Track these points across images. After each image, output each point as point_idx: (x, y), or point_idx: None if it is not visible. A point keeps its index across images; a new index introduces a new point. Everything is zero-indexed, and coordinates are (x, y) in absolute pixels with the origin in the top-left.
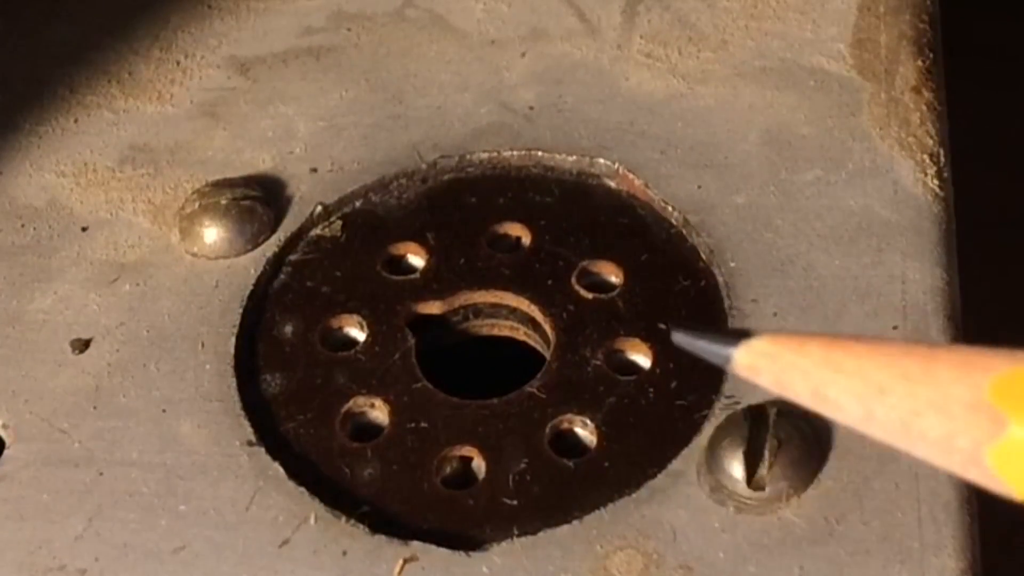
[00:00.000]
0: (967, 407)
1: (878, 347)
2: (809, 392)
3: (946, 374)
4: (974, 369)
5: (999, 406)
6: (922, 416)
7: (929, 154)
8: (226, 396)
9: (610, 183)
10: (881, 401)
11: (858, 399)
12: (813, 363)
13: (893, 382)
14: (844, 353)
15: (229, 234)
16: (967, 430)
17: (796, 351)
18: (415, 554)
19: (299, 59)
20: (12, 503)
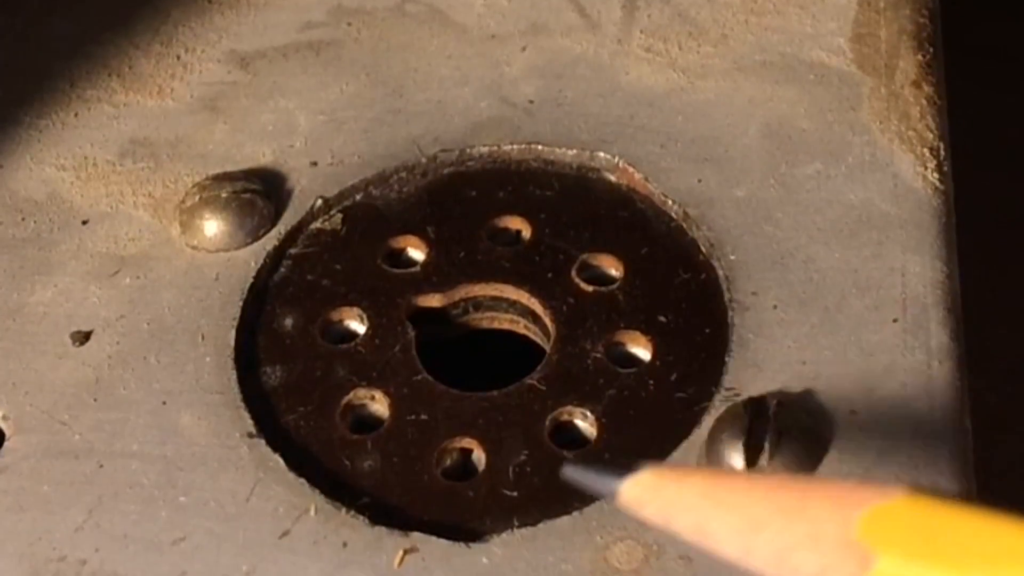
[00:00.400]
0: (838, 544)
1: (757, 482)
2: (692, 526)
3: (819, 510)
4: (845, 505)
5: (867, 543)
6: (796, 551)
7: (929, 148)
8: (226, 388)
9: (610, 177)
10: (758, 536)
11: (737, 533)
12: (695, 497)
13: (770, 516)
14: (724, 488)
15: (229, 227)
16: (838, 566)
17: (679, 485)
18: (415, 545)
19: (299, 53)
20: (12, 494)
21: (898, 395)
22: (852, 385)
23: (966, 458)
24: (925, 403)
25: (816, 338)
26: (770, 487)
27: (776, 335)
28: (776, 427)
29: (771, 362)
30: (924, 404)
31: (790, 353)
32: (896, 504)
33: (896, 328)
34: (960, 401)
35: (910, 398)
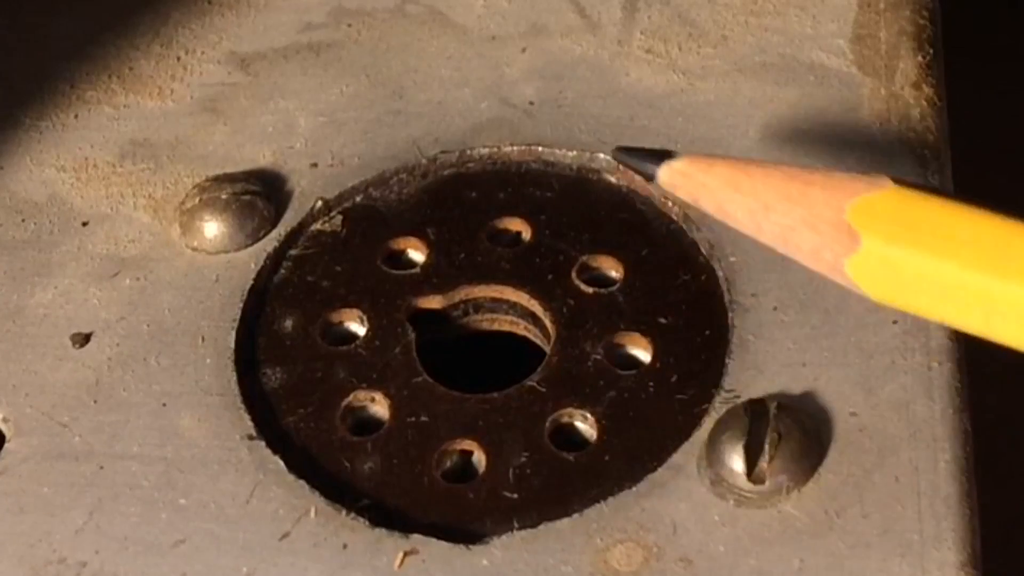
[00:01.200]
0: (831, 224)
1: (770, 170)
2: (714, 207)
3: (817, 196)
4: (839, 192)
5: (855, 225)
6: (797, 231)
7: (929, 149)
8: (226, 390)
9: (610, 178)
10: (767, 217)
11: (750, 214)
12: (718, 182)
13: (777, 201)
14: (742, 174)
15: (229, 229)
16: (830, 245)
17: (705, 172)
18: (415, 547)
19: (299, 54)
20: (12, 496)
21: (898, 396)
22: (852, 387)
23: (967, 459)
24: (925, 405)
25: (816, 340)
26: (779, 176)
27: (776, 337)
28: (776, 429)
29: (771, 364)
30: (924, 406)
31: (790, 355)
32: (883, 194)
33: (896, 330)
34: (960, 402)
35: (910, 399)
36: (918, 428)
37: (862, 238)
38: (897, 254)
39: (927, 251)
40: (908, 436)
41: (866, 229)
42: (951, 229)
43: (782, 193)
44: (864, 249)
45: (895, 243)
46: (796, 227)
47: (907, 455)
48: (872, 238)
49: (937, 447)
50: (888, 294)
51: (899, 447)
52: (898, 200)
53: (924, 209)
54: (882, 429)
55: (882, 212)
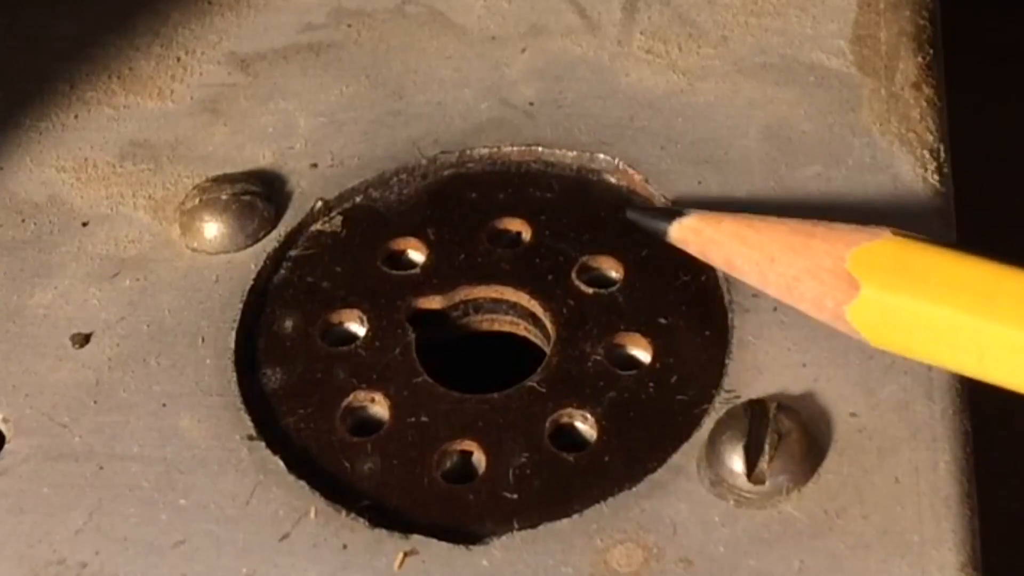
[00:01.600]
0: (832, 274)
1: (775, 225)
2: (723, 260)
3: (819, 247)
4: (840, 243)
5: (855, 273)
6: (801, 281)
7: (929, 150)
8: (226, 390)
9: (610, 178)
10: (772, 268)
11: (756, 266)
12: (726, 237)
13: (781, 253)
14: (749, 229)
15: (229, 229)
16: (832, 293)
17: (714, 227)
18: (415, 548)
19: (299, 55)
20: (12, 497)
21: (898, 397)
22: (852, 387)
23: (966, 460)
24: (925, 405)
25: (816, 340)
26: (783, 229)
27: (776, 337)
28: (776, 429)
29: (771, 364)
30: (924, 406)
31: (790, 355)
32: (882, 243)
33: None
34: (960, 403)
35: (910, 400)
36: (918, 429)
37: (861, 286)
38: (894, 300)
39: (922, 297)
40: (908, 437)
41: (865, 277)
42: (945, 275)
43: (786, 245)
44: (863, 296)
45: (892, 290)
46: (800, 277)
47: (907, 456)
48: (871, 286)
49: (937, 448)
50: (886, 339)
51: (899, 448)
52: (896, 249)
53: (920, 257)
54: (882, 430)
55: (880, 261)
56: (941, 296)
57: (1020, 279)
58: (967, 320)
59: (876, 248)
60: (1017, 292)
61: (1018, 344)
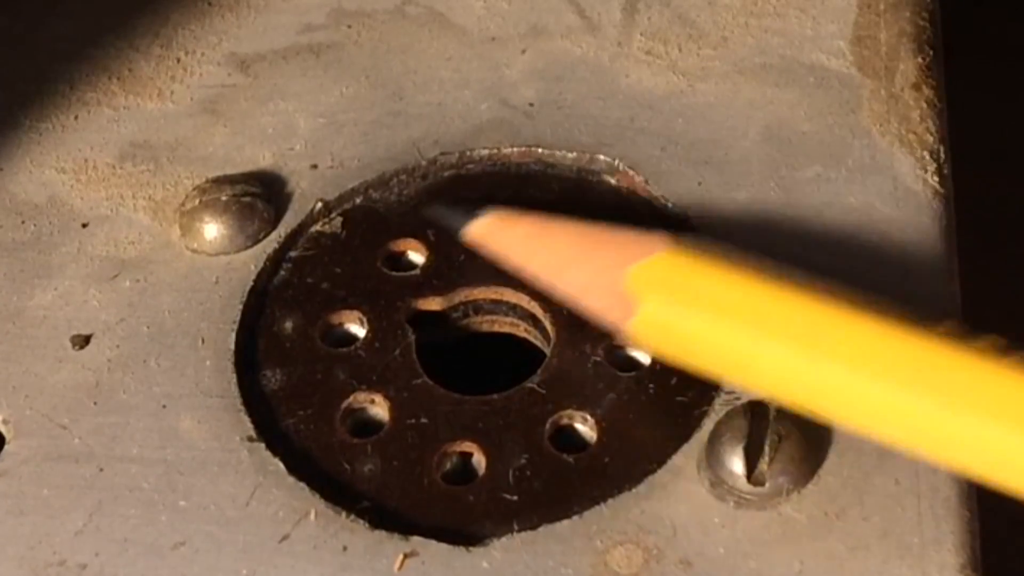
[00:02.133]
0: (611, 292)
1: (566, 230)
2: (517, 263)
3: (602, 261)
4: (620, 257)
5: (634, 291)
6: (587, 293)
7: (929, 151)
8: (226, 392)
9: (610, 179)
10: (560, 278)
11: (546, 272)
12: (519, 241)
13: (570, 263)
14: (542, 232)
15: (229, 230)
16: (612, 310)
17: (510, 229)
18: (415, 549)
19: (299, 56)
20: (12, 498)
21: None
22: None
23: None
24: None
25: None
26: (572, 237)
27: None
28: (776, 430)
29: None
30: None
31: None
32: (659, 258)
33: None
34: None
35: None
36: None
37: (639, 303)
38: (671, 317)
39: (698, 313)
40: None
41: (643, 294)
42: (721, 291)
43: (572, 256)
44: (641, 314)
45: (669, 306)
46: (585, 289)
47: (907, 457)
48: (648, 303)
49: None
50: (669, 352)
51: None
52: (672, 263)
53: (696, 270)
54: None
55: (657, 276)
56: (716, 313)
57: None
58: (740, 335)
59: (654, 264)
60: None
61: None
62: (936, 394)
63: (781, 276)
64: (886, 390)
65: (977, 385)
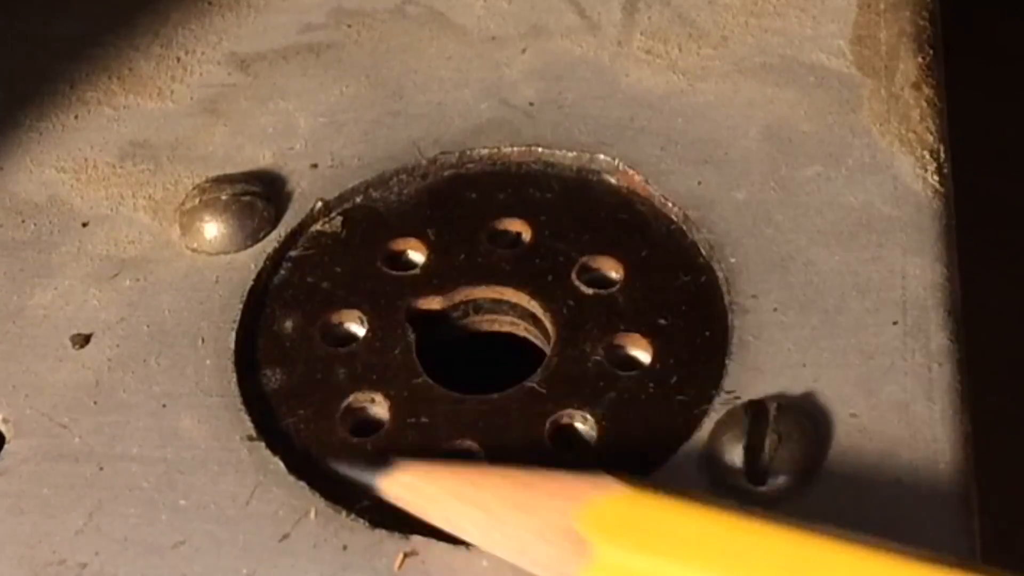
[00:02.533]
0: (561, 534)
1: (495, 478)
2: (442, 518)
3: (545, 503)
4: (566, 498)
5: (584, 533)
6: (531, 543)
7: (929, 150)
8: (226, 391)
9: (610, 179)
10: (499, 529)
11: (479, 528)
12: (443, 495)
13: (505, 512)
14: (466, 483)
15: (229, 230)
16: (563, 556)
17: (430, 483)
18: (415, 548)
19: (299, 55)
20: (12, 497)
21: (898, 398)
22: (852, 388)
23: (966, 460)
24: (925, 406)
25: (816, 341)
26: (506, 483)
27: (776, 338)
28: (776, 430)
29: (771, 365)
30: (924, 407)
31: (790, 356)
32: (607, 497)
33: (896, 331)
34: (960, 403)
35: (910, 401)
36: (918, 429)
37: (594, 548)
38: (628, 562)
39: (659, 556)
40: (908, 437)
41: (595, 537)
42: (677, 528)
43: (510, 503)
44: (595, 560)
45: (625, 552)
46: (529, 540)
47: (907, 456)
48: (602, 547)
49: (937, 448)
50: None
51: (899, 448)
52: (621, 502)
53: (648, 509)
54: (882, 430)
55: (609, 518)
56: (675, 553)
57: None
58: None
59: (602, 504)
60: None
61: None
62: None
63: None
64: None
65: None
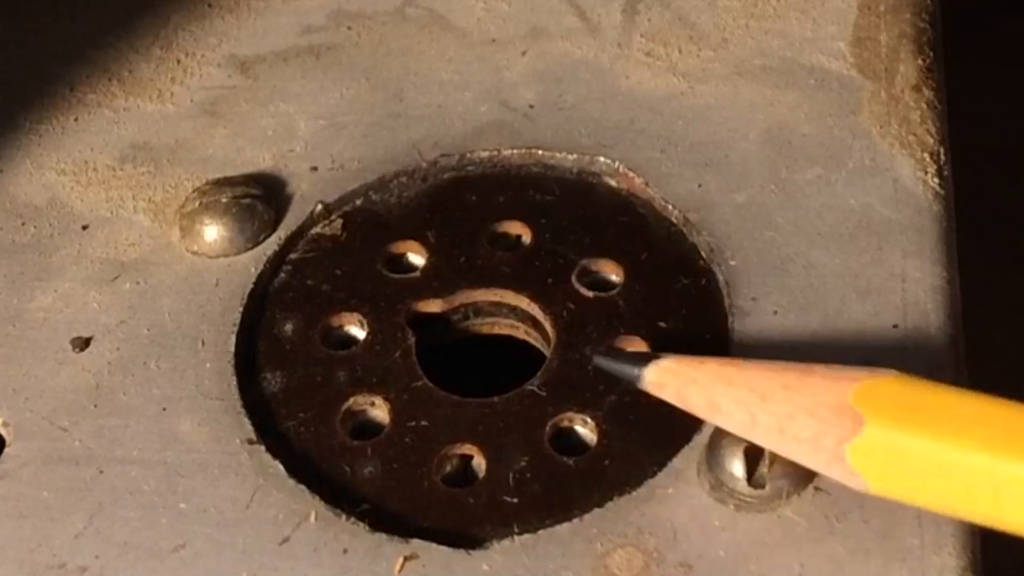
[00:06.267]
0: (833, 410)
1: (764, 364)
2: (704, 402)
3: (818, 383)
4: (841, 380)
5: (859, 408)
6: (795, 420)
7: (929, 152)
8: (226, 394)
9: (610, 181)
10: (762, 407)
11: (743, 406)
12: (709, 377)
13: (774, 390)
14: (735, 368)
15: (229, 232)
16: (832, 430)
17: (695, 368)
18: (415, 552)
19: (299, 57)
20: (12, 501)
21: None
22: None
23: None
24: None
25: (816, 343)
26: (775, 368)
27: (776, 340)
28: None
29: None
30: None
31: (790, 358)
32: (887, 380)
33: (896, 334)
34: None
35: None
36: None
37: (866, 421)
38: (902, 438)
39: (934, 435)
40: None
41: (870, 412)
42: (957, 413)
43: (779, 382)
44: (867, 433)
45: (900, 426)
46: (794, 415)
47: None
48: (876, 421)
49: None
50: (890, 481)
51: None
52: (902, 386)
53: (929, 394)
54: None
55: (886, 397)
56: (954, 434)
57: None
58: (983, 460)
59: (881, 384)
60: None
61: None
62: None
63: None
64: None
65: None
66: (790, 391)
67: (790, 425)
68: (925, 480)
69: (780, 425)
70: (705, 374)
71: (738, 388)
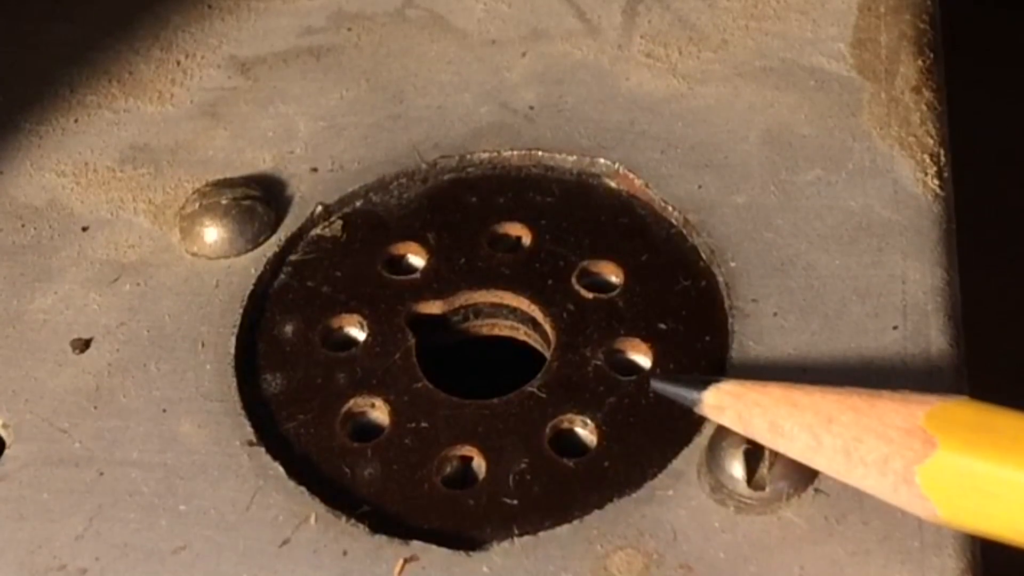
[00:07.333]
0: (903, 432)
1: (829, 389)
2: (767, 426)
3: (887, 406)
4: (911, 403)
5: (931, 431)
6: (863, 442)
7: (929, 154)
8: (226, 396)
9: (610, 183)
10: (828, 429)
11: (808, 429)
12: (772, 400)
13: (841, 412)
14: (800, 392)
15: (230, 234)
16: (901, 452)
17: (759, 391)
18: (415, 554)
19: (299, 59)
20: (12, 503)
21: None
22: None
23: None
24: None
25: (816, 345)
26: (841, 392)
27: (776, 342)
28: None
29: (771, 369)
30: None
31: (790, 360)
32: (960, 403)
33: (896, 335)
34: None
35: None
36: None
37: (938, 444)
38: (976, 463)
39: (1009, 460)
40: None
41: (943, 435)
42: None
43: (847, 405)
44: (939, 456)
45: (974, 450)
46: (862, 437)
47: None
48: (949, 444)
49: None
50: (960, 506)
51: None
52: (975, 411)
53: (1003, 420)
54: None
55: (959, 421)
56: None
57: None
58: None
59: (954, 408)
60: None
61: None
62: None
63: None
64: None
65: None
66: (858, 413)
67: (857, 447)
68: (998, 506)
69: (847, 447)
70: (769, 397)
71: (803, 411)
